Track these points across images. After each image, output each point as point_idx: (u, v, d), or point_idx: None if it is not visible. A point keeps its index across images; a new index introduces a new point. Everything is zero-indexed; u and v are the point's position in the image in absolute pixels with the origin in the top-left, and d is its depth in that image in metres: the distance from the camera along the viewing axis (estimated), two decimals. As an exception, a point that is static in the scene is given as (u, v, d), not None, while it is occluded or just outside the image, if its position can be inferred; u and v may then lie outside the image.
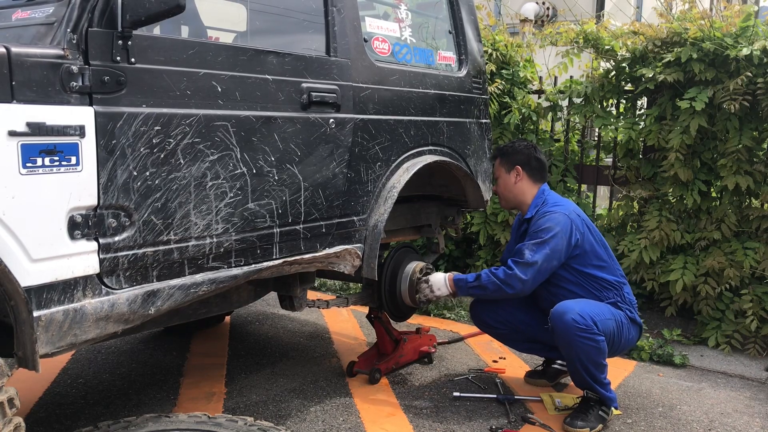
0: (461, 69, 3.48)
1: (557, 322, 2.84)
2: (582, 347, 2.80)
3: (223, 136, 2.23)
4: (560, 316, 2.83)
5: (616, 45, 4.32)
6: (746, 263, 3.85)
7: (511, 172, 3.19)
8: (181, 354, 3.70)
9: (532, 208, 3.13)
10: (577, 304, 2.87)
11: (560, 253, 2.93)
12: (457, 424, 2.92)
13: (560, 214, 2.99)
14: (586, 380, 2.87)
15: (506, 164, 3.22)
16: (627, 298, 3.04)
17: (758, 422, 3.06)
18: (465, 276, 3.07)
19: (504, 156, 3.24)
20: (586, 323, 2.79)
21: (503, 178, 3.23)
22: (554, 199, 3.13)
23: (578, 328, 2.78)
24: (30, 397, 3.08)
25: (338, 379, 3.38)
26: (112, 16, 1.89)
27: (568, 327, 2.79)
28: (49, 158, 1.79)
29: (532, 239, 2.96)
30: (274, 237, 2.46)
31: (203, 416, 2.27)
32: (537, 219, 3.03)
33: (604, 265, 3.04)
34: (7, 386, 1.74)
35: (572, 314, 2.80)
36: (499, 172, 3.25)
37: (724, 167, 3.91)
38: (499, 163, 3.25)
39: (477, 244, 5.09)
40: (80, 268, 1.89)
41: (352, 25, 2.75)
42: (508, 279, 2.91)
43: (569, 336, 2.80)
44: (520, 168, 3.17)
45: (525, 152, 3.20)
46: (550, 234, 2.93)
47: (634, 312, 3.04)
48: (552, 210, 3.02)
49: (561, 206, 3.05)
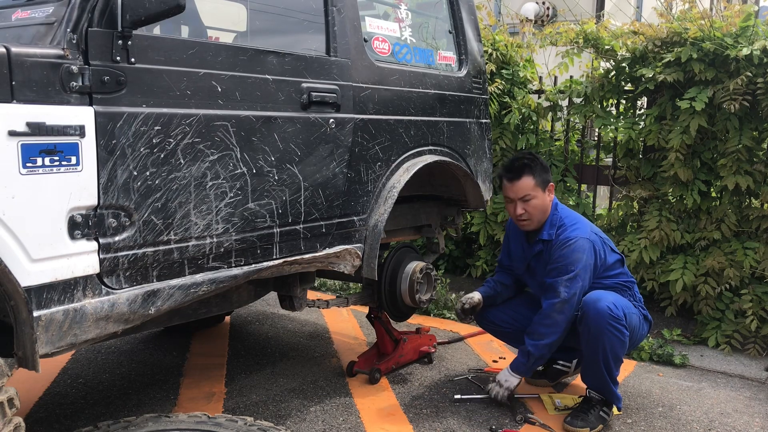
0: (461, 69, 3.48)
1: (590, 309, 2.78)
2: (610, 338, 2.77)
3: (223, 136, 2.23)
4: (594, 303, 2.79)
5: (616, 45, 4.31)
6: (746, 263, 3.86)
7: (545, 190, 3.01)
8: (181, 354, 3.70)
9: (548, 227, 3.02)
10: (609, 294, 2.86)
11: (590, 278, 2.93)
12: (457, 424, 2.92)
13: (582, 239, 2.92)
14: (603, 376, 2.84)
15: (541, 182, 3.00)
16: (638, 296, 3.09)
17: (758, 422, 3.06)
18: (518, 359, 3.00)
19: (537, 174, 2.99)
20: (619, 314, 2.77)
21: (539, 198, 2.99)
22: (570, 219, 3.02)
23: (612, 317, 2.75)
24: (30, 397, 3.08)
25: (338, 379, 3.38)
26: (112, 15, 1.89)
27: (602, 315, 2.75)
28: (49, 158, 1.79)
29: (562, 274, 2.88)
30: (274, 237, 2.46)
31: (203, 416, 2.27)
32: (560, 248, 2.93)
33: (619, 271, 3.06)
34: (7, 386, 1.74)
35: (607, 302, 2.77)
36: (535, 192, 2.98)
37: (724, 167, 3.90)
38: (534, 184, 2.98)
39: (477, 244, 5.09)
40: (80, 268, 1.89)
41: (352, 25, 2.75)
42: (554, 326, 2.88)
43: (601, 325, 2.76)
44: (552, 185, 3.06)
45: (546, 165, 3.05)
46: (579, 266, 2.88)
47: (645, 309, 3.08)
48: (573, 238, 2.92)
49: (579, 229, 2.96)
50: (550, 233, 3.01)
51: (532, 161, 3.02)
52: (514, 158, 3.10)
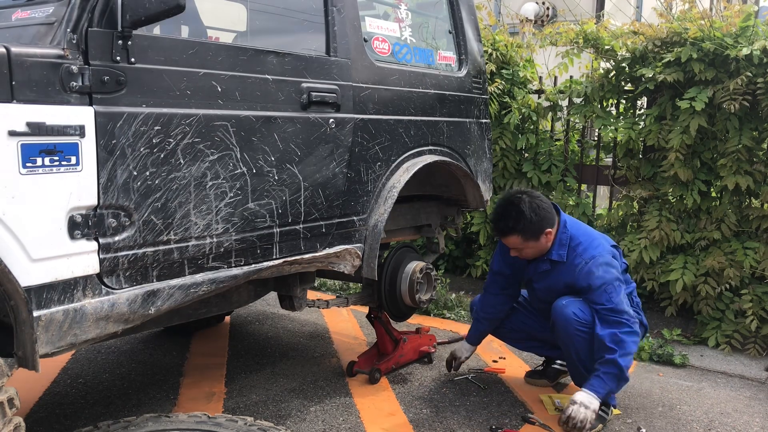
0: (461, 69, 3.48)
1: (557, 316, 2.88)
2: (580, 341, 2.84)
3: (223, 136, 2.23)
4: (561, 309, 2.87)
5: (616, 45, 4.31)
6: (746, 263, 3.86)
7: (541, 237, 2.90)
8: (181, 354, 3.70)
9: (557, 247, 2.92)
10: (576, 301, 2.88)
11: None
12: (457, 424, 2.92)
13: (608, 256, 2.88)
14: (585, 376, 2.87)
15: (532, 235, 2.89)
16: (635, 301, 3.09)
17: (758, 422, 3.06)
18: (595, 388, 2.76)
19: (524, 232, 2.88)
20: (585, 318, 2.82)
21: (532, 246, 2.92)
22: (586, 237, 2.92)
23: (578, 322, 2.82)
24: (30, 397, 3.08)
25: (338, 379, 3.38)
26: (112, 15, 1.89)
27: (569, 320, 2.83)
28: (49, 158, 1.78)
29: (615, 291, 2.79)
30: (274, 237, 2.46)
31: (203, 416, 2.27)
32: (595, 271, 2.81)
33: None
34: (7, 386, 1.74)
35: (573, 308, 2.84)
36: (525, 245, 2.91)
37: (724, 167, 3.91)
38: (522, 240, 2.89)
39: (477, 244, 5.09)
40: (80, 268, 1.89)
41: (352, 25, 2.75)
42: (627, 342, 2.75)
43: (569, 330, 2.84)
44: (549, 228, 2.90)
45: (539, 213, 2.86)
46: (618, 280, 2.84)
47: (640, 314, 3.06)
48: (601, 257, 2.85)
49: (599, 246, 2.90)
50: (560, 254, 2.92)
51: (517, 220, 2.86)
52: (500, 212, 2.94)
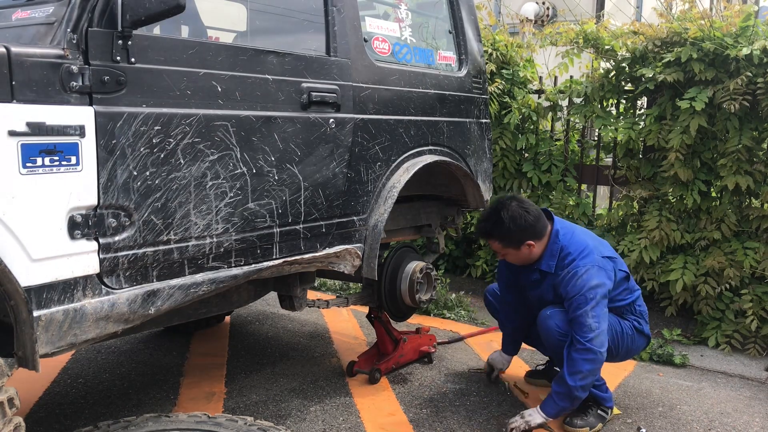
0: (461, 69, 3.48)
1: (541, 326, 2.88)
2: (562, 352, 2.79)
3: (223, 135, 2.23)
4: (545, 320, 2.86)
5: (616, 45, 4.31)
6: (746, 263, 3.86)
7: (522, 247, 2.87)
8: (181, 354, 3.70)
9: (547, 257, 2.87)
10: (560, 313, 2.83)
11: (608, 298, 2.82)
12: (457, 424, 2.92)
13: (593, 268, 2.77)
14: None
15: (511, 244, 2.88)
16: (637, 310, 3.01)
17: (758, 422, 3.06)
18: (545, 407, 2.78)
19: (503, 239, 2.88)
20: (567, 329, 2.77)
21: (513, 254, 2.92)
22: (576, 247, 2.83)
23: (560, 333, 2.81)
24: (30, 397, 3.08)
25: (338, 379, 3.38)
26: (112, 15, 1.89)
27: (551, 331, 2.84)
28: (49, 158, 1.79)
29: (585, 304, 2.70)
30: (274, 237, 2.46)
31: (203, 416, 2.27)
32: (572, 280, 2.76)
33: (622, 288, 2.96)
34: (7, 386, 1.74)
35: (555, 320, 2.83)
36: (505, 251, 2.92)
37: (724, 167, 3.90)
38: (502, 246, 2.90)
39: (477, 244, 5.09)
40: (80, 268, 1.89)
41: (352, 25, 2.75)
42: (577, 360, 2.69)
43: (552, 340, 2.85)
44: (531, 241, 2.85)
45: (519, 223, 2.81)
46: (597, 293, 2.73)
47: (642, 323, 3.00)
48: (583, 267, 2.77)
49: (587, 257, 2.80)
50: (549, 264, 2.87)
51: (495, 226, 2.86)
52: (485, 214, 2.95)
